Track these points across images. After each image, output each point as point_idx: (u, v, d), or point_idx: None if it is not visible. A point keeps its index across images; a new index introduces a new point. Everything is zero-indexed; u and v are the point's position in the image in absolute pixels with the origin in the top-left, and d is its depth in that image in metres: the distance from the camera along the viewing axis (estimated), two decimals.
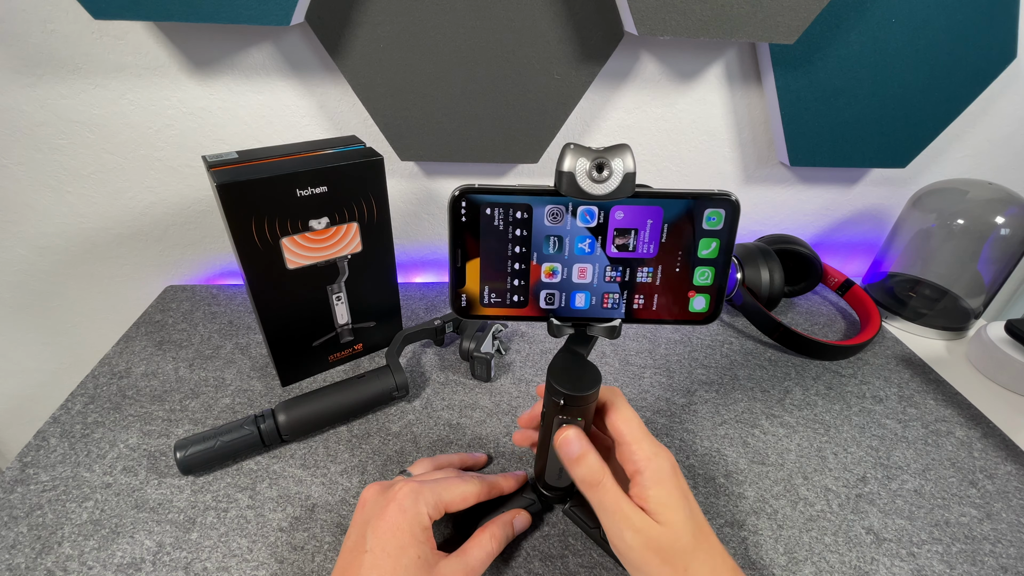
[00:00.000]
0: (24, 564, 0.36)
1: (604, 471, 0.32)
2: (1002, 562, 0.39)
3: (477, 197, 0.28)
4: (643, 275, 0.30)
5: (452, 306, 0.30)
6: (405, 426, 0.48)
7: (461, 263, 0.29)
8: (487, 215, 0.28)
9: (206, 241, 0.69)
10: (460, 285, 0.30)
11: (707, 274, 0.30)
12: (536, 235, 0.28)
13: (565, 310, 0.31)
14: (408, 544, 0.31)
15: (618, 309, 0.31)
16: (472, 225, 0.28)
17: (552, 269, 0.29)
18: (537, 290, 0.30)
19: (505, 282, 0.30)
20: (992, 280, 0.63)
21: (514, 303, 0.30)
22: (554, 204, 0.28)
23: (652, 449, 0.32)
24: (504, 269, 0.29)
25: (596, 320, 0.31)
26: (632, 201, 0.28)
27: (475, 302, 0.30)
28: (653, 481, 0.31)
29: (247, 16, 0.47)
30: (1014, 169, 0.73)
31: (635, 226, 0.28)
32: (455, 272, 0.29)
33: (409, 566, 0.30)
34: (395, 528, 0.32)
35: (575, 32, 0.55)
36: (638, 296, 0.30)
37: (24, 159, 0.60)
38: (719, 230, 0.29)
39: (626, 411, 0.33)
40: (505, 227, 0.28)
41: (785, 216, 0.75)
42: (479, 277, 0.29)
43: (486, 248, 0.29)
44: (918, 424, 0.51)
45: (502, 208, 0.28)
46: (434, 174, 0.67)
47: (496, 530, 0.35)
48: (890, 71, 0.59)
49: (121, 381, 0.52)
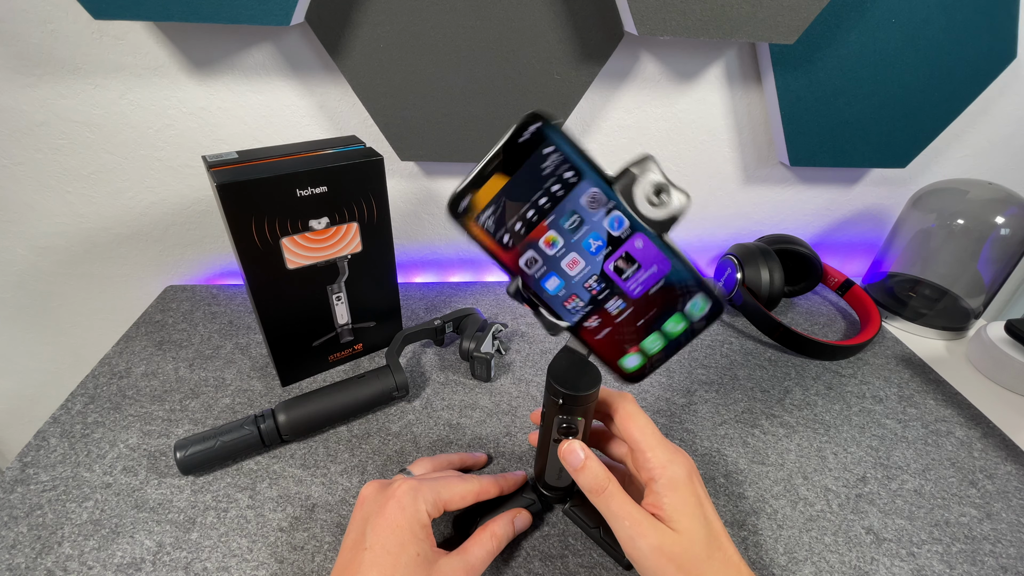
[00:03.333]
0: (24, 564, 0.36)
1: (608, 478, 0.32)
2: (1002, 562, 0.39)
3: (549, 131, 0.26)
4: (613, 305, 0.29)
5: (449, 204, 0.28)
6: (405, 426, 0.48)
7: (489, 171, 0.27)
8: (542, 154, 0.27)
9: (206, 241, 0.69)
10: (474, 188, 0.28)
11: (658, 343, 0.30)
12: (566, 203, 0.27)
13: (534, 282, 0.29)
14: (408, 541, 0.31)
15: (572, 315, 0.30)
16: (525, 149, 0.27)
17: (553, 240, 0.28)
18: (528, 248, 0.29)
19: (511, 218, 0.28)
20: (992, 280, 0.63)
21: (501, 243, 0.29)
22: (601, 191, 0.27)
23: (667, 455, 0.32)
24: (519, 208, 0.28)
25: (548, 309, 0.30)
26: (656, 240, 0.28)
27: (472, 212, 0.28)
28: (667, 488, 0.31)
29: (247, 16, 0.47)
30: (1014, 169, 0.73)
31: (641, 262, 0.28)
32: (477, 174, 0.27)
33: (409, 563, 0.30)
34: (395, 526, 0.31)
35: (575, 32, 0.55)
36: (595, 318, 0.30)
37: (24, 159, 0.60)
38: (695, 319, 0.29)
39: (639, 418, 0.33)
40: (550, 175, 0.27)
41: (785, 216, 0.75)
42: (493, 195, 0.28)
43: (520, 177, 0.27)
44: (918, 424, 0.51)
45: (561, 157, 0.27)
46: (434, 174, 0.67)
47: (497, 529, 0.35)
48: (890, 71, 0.59)
49: (121, 381, 0.52)
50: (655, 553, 0.29)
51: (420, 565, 0.31)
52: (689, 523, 0.30)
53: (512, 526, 0.37)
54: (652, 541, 0.29)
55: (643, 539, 0.30)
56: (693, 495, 0.31)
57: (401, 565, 0.30)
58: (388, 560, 0.30)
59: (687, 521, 0.30)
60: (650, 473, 0.32)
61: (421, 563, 0.31)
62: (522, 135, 0.26)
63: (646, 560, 0.30)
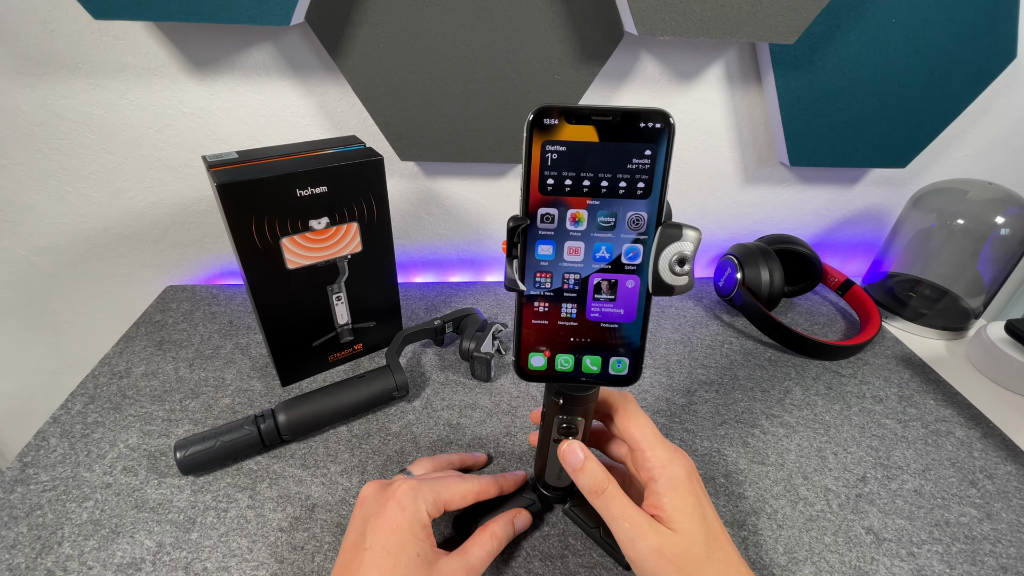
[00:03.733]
0: (24, 564, 0.36)
1: (607, 479, 0.32)
2: (1002, 562, 0.39)
3: (666, 139, 0.26)
4: (568, 308, 0.29)
5: (537, 111, 0.26)
6: (405, 426, 0.48)
7: (596, 118, 0.26)
8: (642, 149, 0.26)
9: (206, 241, 0.69)
10: (570, 117, 0.26)
11: (567, 366, 0.31)
12: (619, 203, 0.27)
13: (533, 236, 0.28)
14: (408, 542, 0.31)
15: (534, 287, 0.29)
16: (634, 132, 0.26)
17: (579, 218, 0.28)
18: (555, 205, 0.28)
19: (570, 170, 0.27)
20: (992, 280, 0.63)
21: (544, 180, 0.27)
22: (647, 221, 0.27)
23: (666, 455, 0.32)
24: (586, 169, 0.27)
25: (522, 265, 0.29)
26: (644, 294, 0.29)
27: (549, 133, 0.26)
28: (666, 488, 0.31)
29: (247, 16, 0.47)
30: (1014, 169, 0.73)
31: (617, 298, 0.29)
32: (586, 109, 0.26)
33: (409, 564, 0.30)
34: (394, 526, 0.31)
35: (575, 32, 0.55)
36: (546, 304, 0.29)
37: (24, 159, 0.60)
38: (608, 371, 0.30)
39: (639, 417, 0.33)
40: (630, 170, 0.27)
41: (785, 216, 0.75)
42: (578, 140, 0.27)
43: (609, 149, 0.27)
44: (918, 424, 0.51)
45: (650, 165, 0.27)
46: (434, 174, 0.67)
47: (497, 529, 0.35)
48: (890, 71, 0.59)
49: (121, 381, 0.52)
50: (654, 555, 0.29)
51: (420, 565, 0.31)
52: (688, 524, 0.30)
53: (512, 526, 0.37)
54: (651, 543, 0.29)
55: (642, 540, 0.29)
56: (692, 495, 0.31)
57: (401, 565, 0.30)
58: (388, 560, 0.30)
59: (686, 522, 0.30)
60: (649, 473, 0.32)
61: (421, 563, 0.31)
62: (647, 121, 0.26)
63: (645, 562, 0.29)
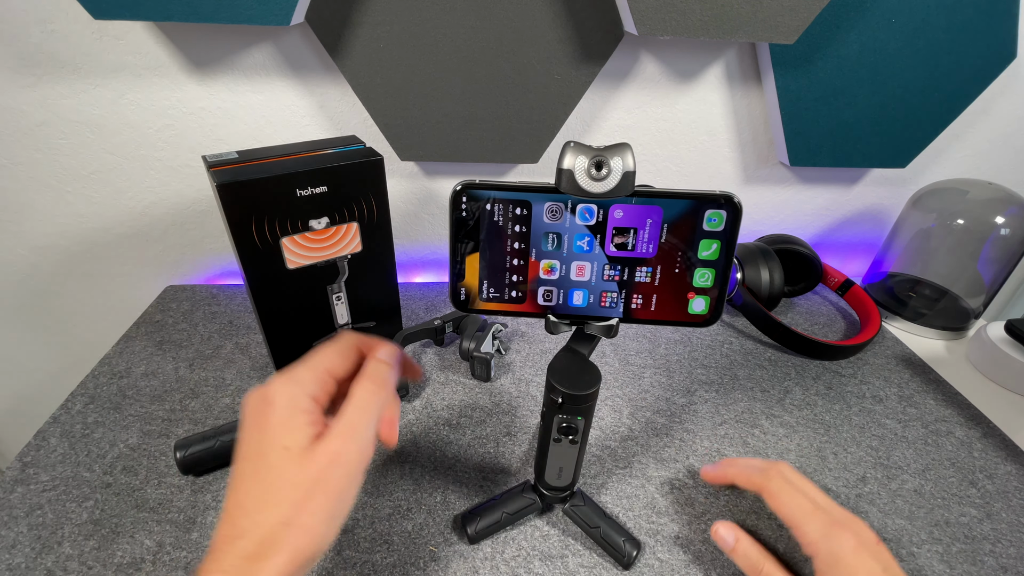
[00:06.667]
0: (24, 564, 0.36)
1: (762, 558, 0.32)
2: (1002, 562, 0.39)
3: (478, 192, 0.28)
4: (642, 275, 0.30)
5: (452, 300, 0.30)
6: (405, 426, 0.48)
7: (461, 257, 0.29)
8: (487, 210, 0.28)
9: (206, 241, 0.69)
10: (460, 279, 0.30)
11: (707, 276, 0.29)
12: (535, 232, 0.29)
13: (563, 307, 0.31)
14: (276, 435, 0.25)
15: (616, 308, 0.30)
16: (472, 220, 0.28)
17: (551, 266, 0.29)
18: (535, 286, 0.30)
19: (504, 277, 0.30)
20: (992, 280, 0.63)
21: (512, 298, 0.30)
22: (553, 201, 0.28)
23: (822, 530, 0.32)
24: (503, 264, 0.29)
25: (594, 318, 0.31)
26: (631, 200, 0.28)
27: (474, 296, 0.30)
28: (827, 564, 0.31)
29: (247, 16, 0.47)
30: (1014, 169, 0.73)
31: (634, 225, 0.28)
32: (455, 266, 0.29)
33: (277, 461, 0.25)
34: (263, 423, 0.26)
35: (575, 32, 0.55)
36: (636, 296, 0.30)
37: (24, 159, 0.60)
38: (720, 232, 0.28)
39: (782, 495, 0.33)
40: (505, 223, 0.28)
41: (785, 216, 0.75)
42: (478, 272, 0.30)
43: (486, 243, 0.29)
44: (918, 424, 0.51)
45: (502, 204, 0.28)
46: (434, 174, 0.67)
47: (366, 380, 0.29)
48: (890, 71, 0.59)
49: (121, 381, 0.52)
50: None
51: (289, 459, 0.25)
52: None
53: (383, 363, 0.29)
54: None
55: None
56: (863, 569, 0.30)
57: (263, 468, 0.25)
58: (249, 466, 0.25)
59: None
60: (808, 549, 0.32)
61: (291, 456, 0.25)
62: (462, 211, 0.28)
63: None
